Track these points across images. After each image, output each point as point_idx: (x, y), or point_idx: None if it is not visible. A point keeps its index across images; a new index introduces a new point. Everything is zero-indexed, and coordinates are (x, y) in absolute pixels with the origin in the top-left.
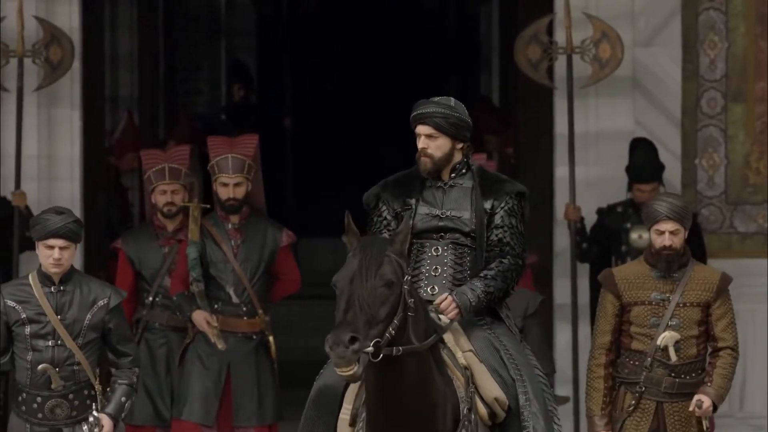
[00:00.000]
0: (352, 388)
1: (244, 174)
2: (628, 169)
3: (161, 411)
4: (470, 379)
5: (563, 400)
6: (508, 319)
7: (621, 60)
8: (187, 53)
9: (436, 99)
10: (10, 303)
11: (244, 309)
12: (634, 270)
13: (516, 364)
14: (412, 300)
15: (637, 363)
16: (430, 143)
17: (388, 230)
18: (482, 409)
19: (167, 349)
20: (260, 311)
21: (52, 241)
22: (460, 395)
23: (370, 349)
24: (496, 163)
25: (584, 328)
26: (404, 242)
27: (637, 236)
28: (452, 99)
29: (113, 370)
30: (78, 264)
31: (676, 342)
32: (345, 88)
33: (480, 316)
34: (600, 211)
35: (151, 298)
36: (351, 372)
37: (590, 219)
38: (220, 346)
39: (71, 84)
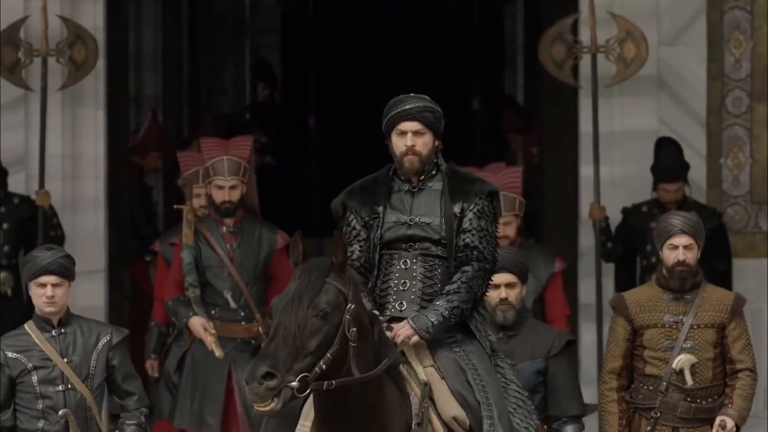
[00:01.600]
0: (310, 404)
1: (240, 176)
2: (653, 169)
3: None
4: (427, 395)
5: (593, 408)
6: (478, 332)
7: (646, 59)
8: (212, 52)
9: (413, 94)
10: (12, 354)
11: (242, 314)
12: (646, 293)
13: (483, 386)
14: (354, 330)
15: (651, 388)
16: (417, 140)
17: (358, 241)
18: (439, 427)
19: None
20: (258, 315)
21: (44, 279)
22: (414, 411)
23: (295, 384)
24: (522, 169)
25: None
26: (345, 262)
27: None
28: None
29: (121, 413)
30: (102, 264)
31: (693, 365)
32: (369, 87)
33: (450, 332)
34: (625, 211)
35: None
36: (268, 408)
37: (615, 218)
38: (218, 353)
39: (95, 83)
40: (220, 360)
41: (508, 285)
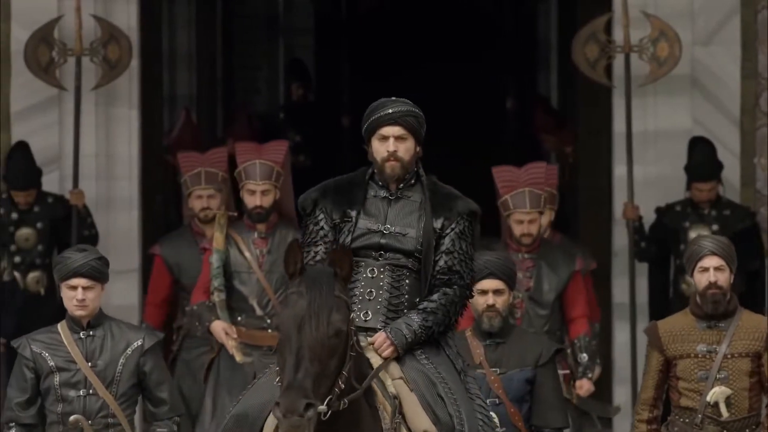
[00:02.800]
0: (272, 422)
1: (272, 181)
2: (687, 168)
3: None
4: (398, 409)
5: (615, 410)
6: (447, 347)
7: (679, 58)
8: (246, 52)
9: (395, 98)
10: (38, 350)
11: (268, 321)
12: (679, 322)
13: (455, 399)
14: (355, 340)
15: (687, 421)
16: (400, 146)
17: (324, 242)
18: None
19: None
20: None
21: (74, 281)
22: (385, 425)
23: (324, 408)
24: (558, 168)
25: (642, 328)
26: (350, 275)
27: (696, 235)
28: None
29: (153, 422)
30: (135, 264)
31: (727, 397)
32: (402, 87)
33: (418, 345)
34: (658, 210)
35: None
36: None
37: (649, 218)
38: (239, 358)
39: (129, 83)
40: (245, 368)
41: (496, 291)
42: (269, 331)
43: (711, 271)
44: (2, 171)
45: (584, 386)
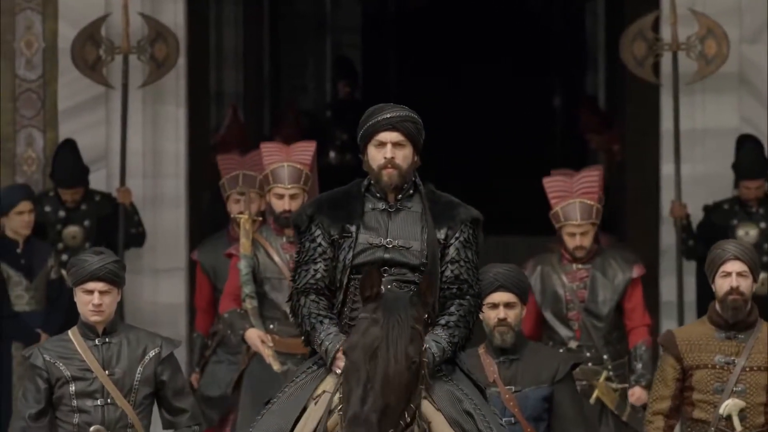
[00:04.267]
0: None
1: (301, 185)
2: (735, 166)
3: None
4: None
5: None
6: (463, 364)
7: (726, 56)
8: (293, 50)
9: (393, 104)
10: (50, 359)
11: None
12: (697, 331)
13: (483, 415)
14: (425, 372)
15: None
16: (397, 152)
17: (324, 259)
18: None
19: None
20: None
21: (90, 285)
22: None
23: None
24: (602, 170)
25: None
26: (434, 305)
27: (744, 233)
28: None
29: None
30: (182, 262)
31: (741, 410)
32: (450, 86)
33: None
34: (706, 208)
35: None
36: None
37: (696, 216)
38: (276, 367)
39: (176, 81)
40: (278, 376)
41: (507, 305)
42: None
43: (733, 276)
44: (49, 169)
45: (636, 394)
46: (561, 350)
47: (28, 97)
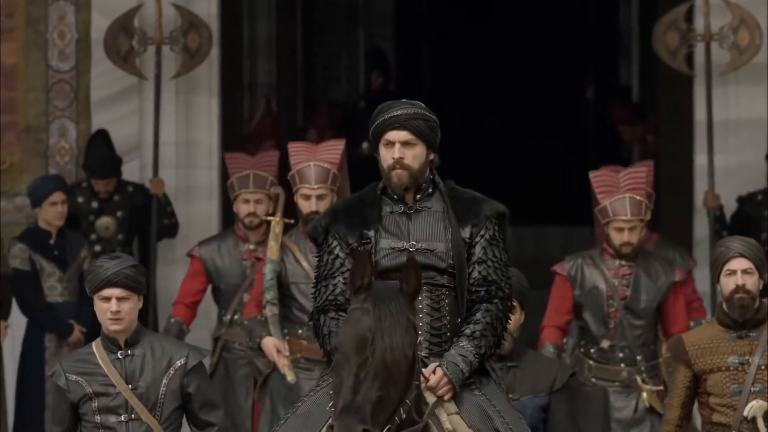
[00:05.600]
0: None
1: (328, 185)
2: None
3: None
4: None
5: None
6: (493, 372)
7: (760, 47)
8: (326, 41)
9: (405, 100)
10: (72, 377)
11: None
12: (707, 334)
13: (511, 428)
14: (419, 367)
15: None
16: (407, 152)
17: (342, 272)
18: None
19: (249, 372)
20: None
21: (107, 292)
22: None
23: None
24: (651, 167)
25: None
26: (417, 293)
27: None
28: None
29: None
30: None
31: (766, 412)
32: (483, 75)
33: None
34: (740, 199)
35: (229, 316)
36: None
37: (730, 207)
38: (290, 378)
39: (209, 71)
40: (302, 385)
41: (746, 271)
42: None
43: (738, 274)
44: (82, 160)
45: None
46: (592, 350)
47: (61, 87)
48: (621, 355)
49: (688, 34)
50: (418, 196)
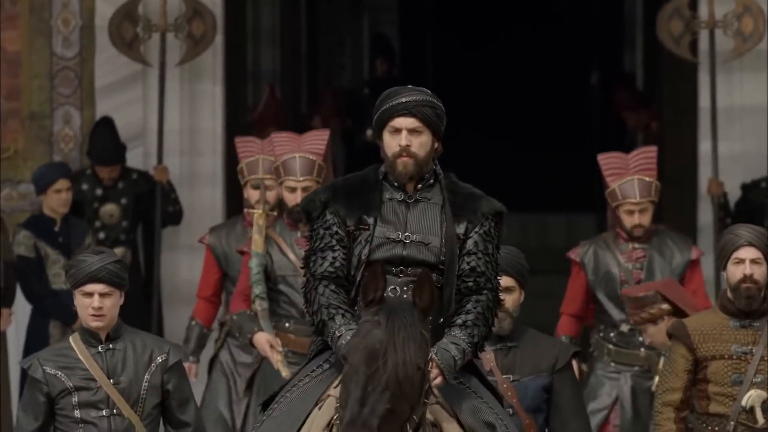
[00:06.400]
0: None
1: (314, 177)
2: None
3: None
4: None
5: None
6: (481, 368)
7: (763, 34)
8: (330, 28)
9: (411, 86)
10: (51, 371)
11: None
12: (709, 320)
13: (506, 426)
14: (430, 383)
15: (717, 429)
16: (413, 140)
17: (342, 246)
18: None
19: (252, 360)
20: None
21: (89, 287)
22: None
23: None
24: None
25: None
26: (430, 308)
27: None
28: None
29: None
30: None
31: (763, 402)
32: (487, 63)
33: (458, 375)
34: (744, 186)
35: None
36: None
37: (734, 194)
38: (284, 373)
39: (213, 58)
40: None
41: (506, 289)
42: None
43: (746, 263)
44: (86, 147)
45: None
46: (611, 334)
47: (65, 75)
48: (641, 338)
49: (692, 22)
50: (419, 185)
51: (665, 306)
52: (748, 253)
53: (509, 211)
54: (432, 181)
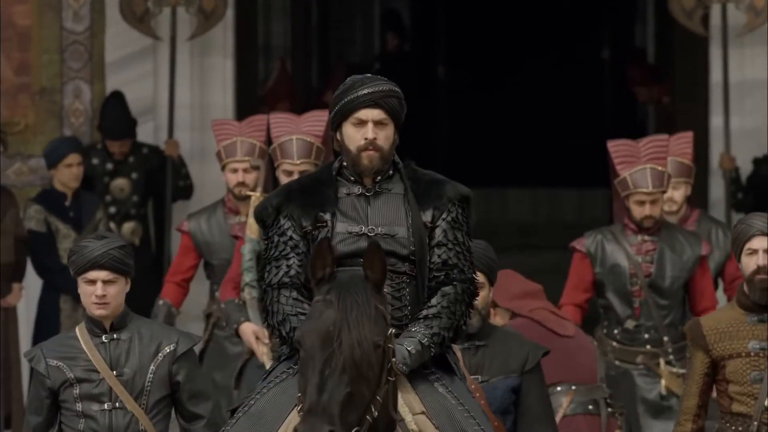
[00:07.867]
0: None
1: (312, 160)
2: None
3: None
4: None
5: None
6: (456, 368)
7: None
8: (341, 2)
9: (371, 75)
10: (53, 362)
11: None
12: (726, 317)
13: (483, 430)
14: (394, 361)
15: (741, 429)
16: (379, 132)
17: (297, 253)
18: None
19: (241, 350)
20: None
21: (92, 274)
22: None
23: None
24: (690, 138)
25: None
26: (383, 281)
27: None
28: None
29: None
30: None
31: None
32: (499, 37)
33: (428, 368)
34: (756, 161)
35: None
36: None
37: (746, 168)
38: (269, 367)
39: (224, 33)
40: None
41: None
42: None
43: (760, 253)
44: (97, 121)
45: None
46: (615, 331)
47: (76, 49)
48: (647, 336)
49: None
50: (378, 177)
51: None
52: (761, 243)
53: (519, 185)
54: (391, 171)
